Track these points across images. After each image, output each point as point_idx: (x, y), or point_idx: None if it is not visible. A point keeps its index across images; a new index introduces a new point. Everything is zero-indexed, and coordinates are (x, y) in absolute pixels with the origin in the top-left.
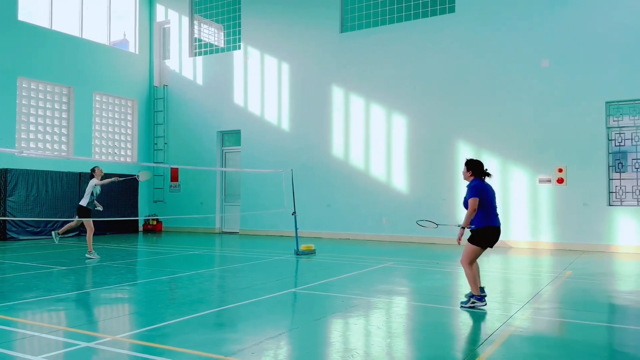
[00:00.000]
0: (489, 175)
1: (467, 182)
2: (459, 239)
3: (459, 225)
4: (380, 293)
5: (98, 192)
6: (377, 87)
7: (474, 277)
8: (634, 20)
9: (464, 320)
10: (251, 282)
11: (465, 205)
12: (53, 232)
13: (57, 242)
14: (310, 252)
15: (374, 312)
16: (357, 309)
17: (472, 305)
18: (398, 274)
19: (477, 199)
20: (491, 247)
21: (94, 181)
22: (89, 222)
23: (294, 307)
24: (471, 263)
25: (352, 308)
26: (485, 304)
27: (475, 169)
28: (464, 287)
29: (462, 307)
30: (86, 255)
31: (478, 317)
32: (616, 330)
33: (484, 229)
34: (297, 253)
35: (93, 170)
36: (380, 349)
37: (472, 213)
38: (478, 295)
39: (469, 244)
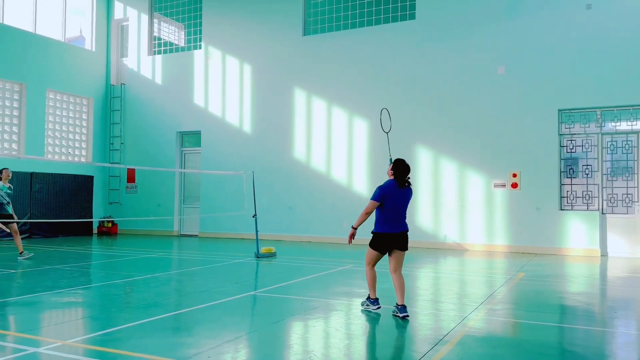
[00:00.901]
0: (408, 183)
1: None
2: (349, 240)
3: (352, 226)
4: (340, 295)
5: (5, 193)
6: (339, 91)
7: (371, 279)
8: (587, 31)
9: (420, 321)
10: (209, 286)
11: None
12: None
13: (28, 257)
14: (270, 255)
15: (332, 314)
16: (316, 311)
17: (366, 307)
18: (357, 276)
19: (375, 203)
20: (396, 249)
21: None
22: (12, 226)
23: (252, 310)
24: (369, 264)
25: (311, 310)
26: (379, 308)
27: (398, 171)
28: (420, 289)
29: (361, 308)
30: (18, 258)
31: (433, 318)
32: (566, 330)
33: (379, 234)
34: (258, 256)
35: (0, 172)
36: (338, 350)
37: (364, 215)
38: (373, 299)
39: (369, 248)
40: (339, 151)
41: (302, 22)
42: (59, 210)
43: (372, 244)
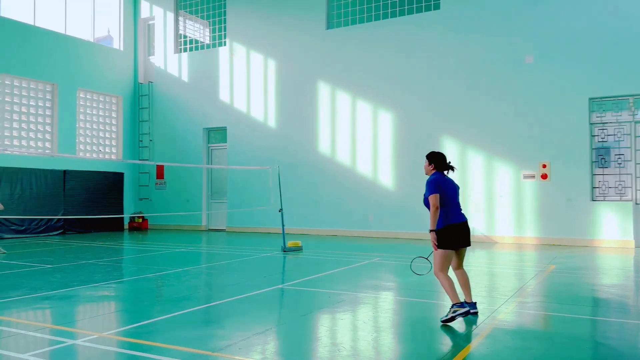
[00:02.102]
0: (452, 168)
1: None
2: (434, 245)
3: (430, 230)
4: (367, 288)
5: None
6: (363, 84)
7: (450, 284)
8: (617, 17)
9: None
10: (238, 279)
11: (426, 203)
12: None
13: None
14: (297, 249)
15: (360, 307)
16: (343, 304)
17: (454, 315)
18: (384, 269)
19: (437, 195)
20: (462, 246)
21: None
22: None
23: (281, 303)
24: (444, 270)
25: (339, 303)
26: (468, 312)
27: (437, 161)
28: None
29: (442, 322)
30: None
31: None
32: (599, 322)
33: (444, 229)
34: (284, 250)
35: None
36: (366, 343)
37: (435, 211)
38: (458, 303)
39: (438, 250)
40: (363, 144)
41: (325, 15)
42: (91, 207)
43: (443, 243)
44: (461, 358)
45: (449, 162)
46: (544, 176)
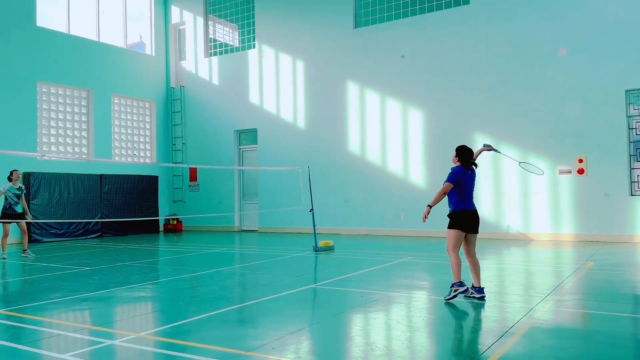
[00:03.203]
0: (474, 165)
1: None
2: (424, 217)
3: (428, 205)
4: (400, 287)
5: (13, 194)
6: (392, 82)
7: (457, 263)
8: None
9: (485, 314)
10: (271, 279)
11: None
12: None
13: (30, 256)
14: (328, 249)
15: (393, 307)
16: (376, 303)
17: (455, 293)
18: (417, 268)
19: (450, 185)
20: (471, 231)
21: (6, 186)
22: (22, 225)
23: (313, 303)
24: (455, 249)
25: (372, 303)
26: (467, 289)
27: (461, 156)
28: (485, 281)
29: (445, 301)
30: (22, 255)
31: (498, 310)
32: None
33: (459, 212)
34: (316, 249)
35: (11, 173)
36: (400, 342)
37: (441, 195)
38: (458, 282)
39: (449, 230)
40: (393, 142)
41: (353, 15)
42: (127, 210)
43: (454, 224)
44: (497, 357)
45: (473, 160)
46: (581, 171)
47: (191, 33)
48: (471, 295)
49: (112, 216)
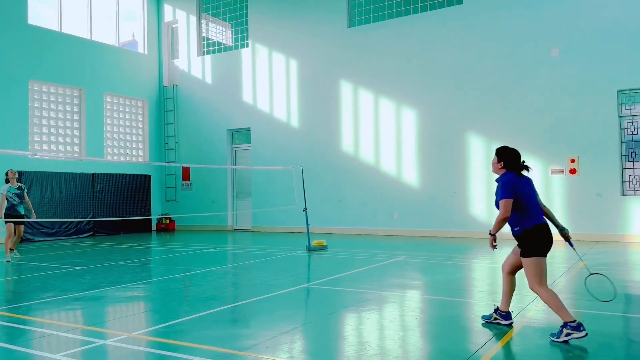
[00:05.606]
0: (527, 168)
1: (497, 176)
2: (492, 246)
3: (490, 232)
4: (393, 287)
5: (13, 194)
6: (385, 82)
7: (555, 299)
8: None
9: (477, 313)
10: (264, 279)
11: (498, 207)
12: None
13: (17, 257)
14: (321, 248)
15: (386, 306)
16: (369, 303)
17: (566, 338)
18: (410, 268)
19: (510, 200)
20: (549, 250)
21: (5, 187)
22: (19, 227)
23: (306, 302)
24: (543, 282)
25: (365, 302)
26: (582, 333)
27: (507, 160)
28: (478, 280)
29: (552, 340)
30: (2, 260)
31: (491, 309)
32: (632, 320)
33: (531, 230)
34: (309, 249)
35: (7, 174)
36: (393, 342)
37: (503, 219)
38: (573, 322)
39: (526, 259)
40: (387, 142)
41: (347, 14)
42: (119, 209)
43: (533, 250)
44: (490, 356)
45: (523, 162)
46: (573, 171)
47: (184, 31)
48: (495, 322)
49: (105, 215)
